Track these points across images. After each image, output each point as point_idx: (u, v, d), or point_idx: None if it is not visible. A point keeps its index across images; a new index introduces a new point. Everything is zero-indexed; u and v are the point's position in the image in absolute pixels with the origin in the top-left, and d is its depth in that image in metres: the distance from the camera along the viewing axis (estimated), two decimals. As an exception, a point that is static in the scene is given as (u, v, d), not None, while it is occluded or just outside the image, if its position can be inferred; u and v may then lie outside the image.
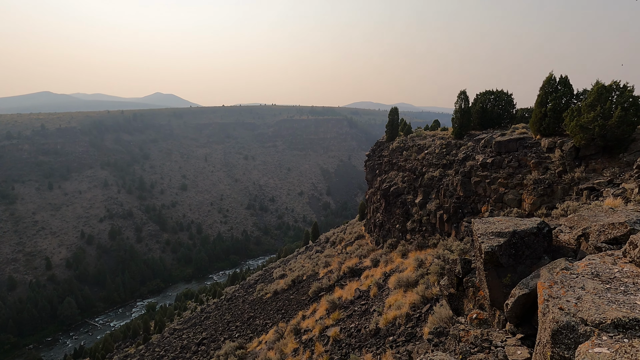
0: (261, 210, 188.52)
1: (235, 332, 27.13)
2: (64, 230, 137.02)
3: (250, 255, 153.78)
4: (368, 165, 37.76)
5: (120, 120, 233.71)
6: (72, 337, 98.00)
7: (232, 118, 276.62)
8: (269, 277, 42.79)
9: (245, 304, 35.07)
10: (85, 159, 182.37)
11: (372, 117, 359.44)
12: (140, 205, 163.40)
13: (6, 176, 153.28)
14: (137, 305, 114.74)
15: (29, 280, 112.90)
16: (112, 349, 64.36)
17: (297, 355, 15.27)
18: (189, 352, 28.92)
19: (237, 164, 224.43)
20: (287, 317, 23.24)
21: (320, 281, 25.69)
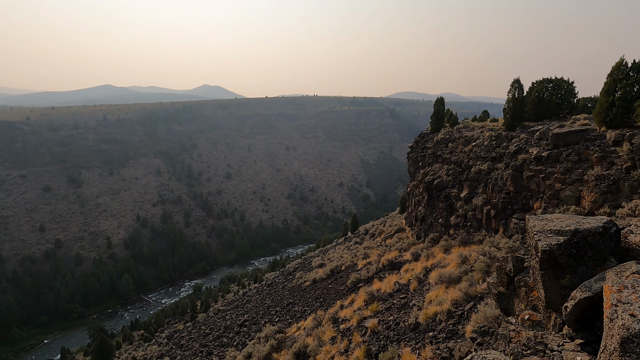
0: (301, 200, 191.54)
1: (275, 316, 28.05)
2: (122, 213, 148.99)
3: (289, 244, 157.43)
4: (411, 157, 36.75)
5: (171, 111, 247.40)
6: (128, 311, 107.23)
7: (274, 109, 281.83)
8: (308, 265, 43.56)
9: (284, 290, 36.08)
10: (140, 147, 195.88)
11: (415, 108, 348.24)
12: (189, 192, 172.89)
13: (74, 162, 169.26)
14: (185, 285, 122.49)
15: (93, 257, 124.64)
16: (163, 324, 69.47)
17: (335, 344, 15.46)
18: (232, 332, 30.45)
19: (278, 154, 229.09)
20: (325, 306, 23.56)
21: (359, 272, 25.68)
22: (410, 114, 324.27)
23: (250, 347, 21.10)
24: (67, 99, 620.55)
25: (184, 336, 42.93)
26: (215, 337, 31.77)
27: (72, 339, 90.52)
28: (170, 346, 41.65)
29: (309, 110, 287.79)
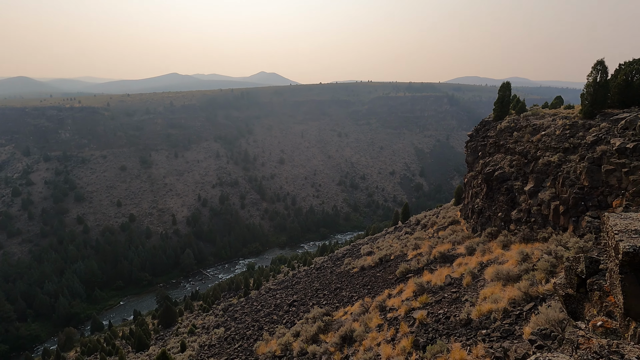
0: (352, 187, 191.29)
1: (322, 299, 28.73)
2: (186, 193, 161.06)
3: (339, 230, 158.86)
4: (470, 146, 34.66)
5: (230, 97, 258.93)
6: (189, 282, 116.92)
7: (327, 95, 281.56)
8: (357, 252, 43.68)
9: (333, 275, 36.67)
10: (202, 132, 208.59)
11: (476, 94, 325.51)
12: (245, 175, 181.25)
13: (145, 145, 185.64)
14: (239, 263, 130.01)
15: (160, 231, 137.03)
16: (219, 297, 74.75)
17: (381, 331, 15.48)
18: (281, 311, 31.86)
19: (330, 140, 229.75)
20: (372, 293, 23.56)
21: (409, 263, 25.18)
22: (471, 101, 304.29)
23: (298, 326, 21.89)
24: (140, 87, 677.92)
25: (237, 310, 45.87)
26: (266, 314, 33.49)
27: (142, 303, 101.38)
28: (226, 318, 44.80)
29: (363, 97, 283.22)
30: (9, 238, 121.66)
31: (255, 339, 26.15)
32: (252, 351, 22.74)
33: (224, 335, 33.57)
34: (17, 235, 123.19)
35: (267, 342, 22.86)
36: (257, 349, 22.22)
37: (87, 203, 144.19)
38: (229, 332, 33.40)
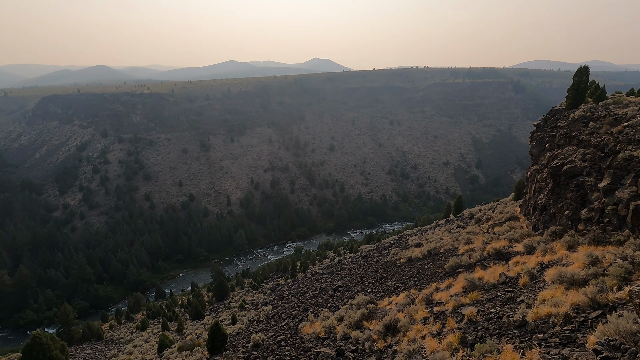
0: (402, 177, 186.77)
1: (367, 287, 28.83)
2: (240, 176, 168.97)
3: (386, 219, 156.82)
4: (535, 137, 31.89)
5: (283, 84, 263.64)
6: (241, 260, 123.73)
7: (380, 82, 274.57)
8: (404, 243, 42.92)
9: (378, 264, 36.52)
10: (256, 118, 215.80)
11: (546, 80, 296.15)
12: (295, 161, 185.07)
13: (204, 129, 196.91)
14: (287, 245, 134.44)
15: (216, 211, 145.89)
16: (268, 277, 78.27)
17: (426, 324, 15.21)
18: (326, 295, 32.58)
19: (382, 128, 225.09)
20: (419, 285, 23.12)
21: (460, 257, 24.22)
22: (540, 87, 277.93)
23: (342, 311, 22.27)
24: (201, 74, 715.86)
25: (284, 290, 47.79)
26: (311, 296, 34.48)
27: (199, 277, 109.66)
28: (273, 297, 46.95)
29: (418, 83, 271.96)
30: (90, 210, 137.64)
31: (301, 319, 27.13)
32: (297, 330, 23.66)
33: (271, 312, 35.26)
34: (96, 207, 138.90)
35: (311, 323, 23.60)
36: (301, 329, 23.06)
37: (153, 182, 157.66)
38: (276, 310, 34.99)
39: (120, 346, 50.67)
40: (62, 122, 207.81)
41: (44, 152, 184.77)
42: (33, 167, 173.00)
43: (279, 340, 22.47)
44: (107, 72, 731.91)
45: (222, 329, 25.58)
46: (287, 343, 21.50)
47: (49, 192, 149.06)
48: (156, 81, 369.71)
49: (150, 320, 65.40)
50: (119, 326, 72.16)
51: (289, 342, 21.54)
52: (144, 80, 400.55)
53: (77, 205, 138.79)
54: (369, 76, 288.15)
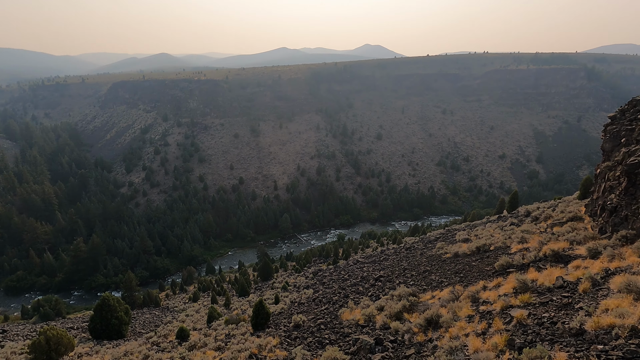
0: (452, 169, 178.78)
1: (410, 280, 28.39)
2: (287, 162, 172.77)
3: (433, 212, 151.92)
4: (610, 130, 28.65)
5: (333, 71, 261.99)
6: (285, 244, 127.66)
7: (434, 69, 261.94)
8: (451, 237, 41.40)
9: (422, 257, 35.70)
10: (304, 105, 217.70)
11: (627, 66, 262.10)
12: (342, 149, 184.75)
13: (255, 115, 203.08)
14: (330, 232, 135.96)
15: (263, 195, 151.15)
16: (310, 261, 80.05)
17: (471, 322, 14.72)
18: (367, 283, 32.66)
19: (433, 117, 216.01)
20: (465, 282, 22.31)
21: (512, 256, 22.91)
22: (619, 74, 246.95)
23: (383, 301, 22.23)
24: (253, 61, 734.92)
25: (326, 275, 48.65)
26: (352, 284, 34.78)
27: (245, 256, 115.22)
28: (315, 281, 48.05)
29: (475, 70, 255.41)
30: (151, 188, 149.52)
31: (341, 305, 27.55)
32: (337, 315, 24.09)
33: (312, 296, 36.19)
34: (156, 186, 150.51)
35: (351, 310, 23.89)
36: (341, 315, 23.45)
37: (207, 164, 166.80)
38: (317, 295, 35.83)
39: (175, 314, 55.28)
40: (129, 107, 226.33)
41: (113, 134, 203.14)
42: (104, 147, 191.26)
43: (319, 323, 23.07)
44: (168, 59, 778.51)
45: (265, 307, 26.83)
46: (326, 327, 22.02)
47: (117, 170, 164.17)
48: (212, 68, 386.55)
49: (201, 293, 70.34)
50: (173, 296, 78.61)
51: (329, 326, 22.03)
52: (201, 68, 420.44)
53: (140, 183, 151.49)
54: (422, 63, 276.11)
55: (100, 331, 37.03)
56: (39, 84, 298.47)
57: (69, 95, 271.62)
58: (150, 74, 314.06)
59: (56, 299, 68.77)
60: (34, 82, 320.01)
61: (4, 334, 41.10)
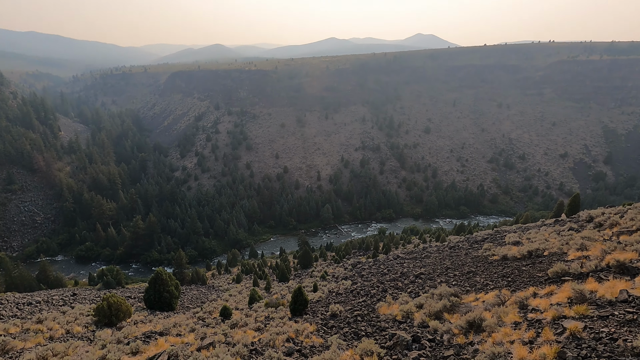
0: (505, 167, 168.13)
1: (452, 279, 27.45)
2: (331, 153, 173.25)
3: (481, 212, 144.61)
4: (699, 130, 25.17)
5: (382, 62, 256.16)
6: (326, 234, 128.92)
7: (491, 59, 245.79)
8: (500, 239, 39.22)
9: (467, 257, 34.28)
10: (351, 96, 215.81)
11: None
12: (387, 142, 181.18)
13: (301, 106, 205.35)
14: (371, 225, 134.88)
15: (306, 185, 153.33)
16: (350, 253, 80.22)
17: (517, 329, 13.96)
18: (407, 279, 32.12)
19: (487, 111, 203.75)
20: (513, 287, 21.12)
21: (568, 264, 21.23)
22: None
23: (422, 299, 21.78)
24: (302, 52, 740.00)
25: (365, 268, 48.54)
26: (391, 279, 34.40)
27: (287, 243, 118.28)
28: (353, 273, 48.17)
29: (538, 61, 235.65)
30: (202, 173, 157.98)
31: (379, 299, 27.42)
32: (374, 309, 24.05)
33: (350, 287, 36.38)
34: (207, 171, 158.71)
35: (389, 304, 23.69)
36: (378, 308, 23.35)
37: (254, 152, 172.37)
38: (355, 286, 35.94)
39: (219, 293, 58.52)
40: (184, 95, 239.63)
41: (170, 121, 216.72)
42: (162, 133, 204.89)
43: (356, 314, 23.20)
44: (222, 50, 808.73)
45: (304, 294, 27.47)
46: (363, 319, 22.10)
47: (173, 155, 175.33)
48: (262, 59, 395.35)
49: (243, 275, 73.64)
50: (219, 275, 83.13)
51: (365, 318, 22.08)
52: (251, 58, 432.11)
53: (192, 168, 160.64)
54: (478, 53, 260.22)
55: (154, 302, 40.31)
56: (108, 73, 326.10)
57: (133, 83, 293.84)
58: (204, 64, 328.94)
59: (117, 270, 75.80)
60: (104, 71, 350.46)
61: (74, 297, 46.29)
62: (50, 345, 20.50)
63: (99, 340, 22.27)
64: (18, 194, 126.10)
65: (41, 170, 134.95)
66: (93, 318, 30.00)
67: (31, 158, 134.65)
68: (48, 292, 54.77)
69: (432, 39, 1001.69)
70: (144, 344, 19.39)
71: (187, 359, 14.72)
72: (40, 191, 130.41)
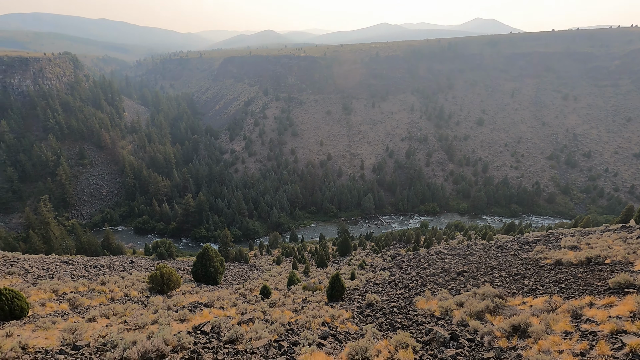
0: (566, 165, 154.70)
1: (497, 280, 26.17)
2: (376, 142, 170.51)
3: (535, 211, 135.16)
4: None
5: (435, 49, 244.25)
6: (366, 223, 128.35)
7: (559, 46, 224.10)
8: (554, 242, 36.48)
9: (516, 258, 32.40)
10: (400, 84, 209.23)
11: None
12: (435, 132, 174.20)
13: (348, 93, 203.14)
14: (414, 218, 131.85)
15: (349, 173, 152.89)
16: (389, 244, 79.29)
17: (567, 339, 13.06)
18: (448, 276, 31.16)
19: (550, 104, 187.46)
20: (566, 294, 19.67)
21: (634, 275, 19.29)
22: None
23: (463, 297, 21.08)
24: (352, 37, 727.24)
25: (404, 261, 47.80)
26: (431, 274, 33.57)
27: (327, 229, 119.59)
28: (392, 264, 47.66)
29: (615, 48, 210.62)
30: (249, 156, 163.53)
31: (417, 293, 26.95)
32: (411, 302, 23.72)
33: (388, 279, 36.10)
34: (253, 155, 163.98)
35: (427, 299, 23.22)
36: (416, 302, 22.99)
37: (299, 138, 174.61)
38: (394, 278, 35.60)
39: (260, 272, 61.05)
40: (236, 80, 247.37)
41: (221, 105, 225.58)
42: (214, 116, 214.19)
43: (392, 306, 23.05)
44: (273, 36, 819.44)
45: (341, 281, 27.78)
46: (399, 311, 21.91)
47: (223, 138, 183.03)
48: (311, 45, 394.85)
49: (283, 258, 75.96)
50: (260, 256, 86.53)
51: (402, 311, 21.88)
52: (301, 44, 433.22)
53: (240, 151, 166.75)
54: (544, 39, 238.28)
55: (200, 276, 43.10)
56: (167, 58, 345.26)
57: (189, 68, 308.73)
58: (255, 50, 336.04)
59: (169, 243, 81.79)
60: (164, 56, 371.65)
61: (132, 264, 50.86)
62: (111, 305, 22.83)
63: (151, 305, 24.38)
64: (88, 168, 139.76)
65: (107, 147, 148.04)
66: (147, 285, 32.84)
67: (99, 136, 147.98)
68: (110, 257, 60.69)
69: (492, 24, 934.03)
70: (190, 312, 20.90)
71: (228, 330, 15.65)
72: (106, 166, 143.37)
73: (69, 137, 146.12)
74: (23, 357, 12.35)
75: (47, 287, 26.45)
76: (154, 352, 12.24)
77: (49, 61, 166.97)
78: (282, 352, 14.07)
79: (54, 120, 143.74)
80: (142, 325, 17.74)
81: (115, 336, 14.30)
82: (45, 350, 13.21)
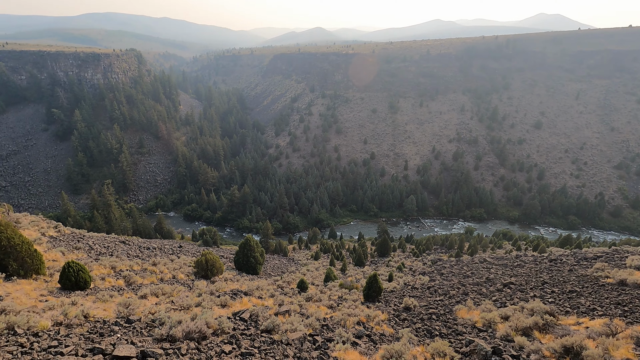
0: (637, 176, 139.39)
1: (548, 296, 24.33)
2: (422, 143, 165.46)
3: (597, 225, 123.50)
4: None
5: (491, 46, 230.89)
6: (407, 226, 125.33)
7: (636, 43, 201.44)
8: (618, 259, 33.07)
9: (571, 274, 29.86)
10: (451, 83, 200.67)
11: None
12: (487, 135, 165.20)
13: (396, 91, 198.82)
14: (458, 223, 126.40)
15: (392, 173, 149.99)
16: (431, 249, 76.83)
17: (628, 368, 11.87)
18: (492, 287, 29.52)
19: (622, 107, 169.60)
20: (630, 318, 17.83)
21: None
22: None
23: (509, 310, 19.89)
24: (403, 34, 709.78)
25: (445, 267, 46.03)
26: (474, 283, 32.02)
27: (366, 229, 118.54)
28: (433, 269, 46.12)
29: None
30: (293, 152, 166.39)
31: (458, 301, 25.87)
32: (451, 310, 22.84)
33: (427, 284, 35.01)
34: (297, 151, 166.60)
35: (469, 309, 22.21)
36: (456, 311, 22.08)
37: (342, 136, 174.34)
38: (433, 284, 34.46)
39: (298, 266, 62.09)
40: (284, 77, 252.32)
41: (269, 101, 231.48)
42: (261, 112, 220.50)
43: (431, 312, 22.36)
44: (322, 33, 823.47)
45: (379, 282, 27.44)
46: (438, 318, 21.20)
47: (268, 133, 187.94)
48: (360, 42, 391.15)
49: (321, 254, 76.59)
50: (299, 250, 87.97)
51: (441, 318, 21.15)
52: (350, 42, 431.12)
53: (285, 147, 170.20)
54: (617, 36, 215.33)
55: (241, 264, 44.81)
56: (221, 55, 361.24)
57: (241, 65, 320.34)
58: (304, 47, 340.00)
59: (214, 231, 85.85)
60: (218, 53, 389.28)
61: (180, 249, 54.17)
62: (160, 285, 24.52)
63: (196, 289, 25.83)
64: (145, 157, 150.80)
65: (163, 137, 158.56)
66: (193, 269, 34.80)
67: (157, 127, 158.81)
68: (162, 241, 65.05)
69: (557, 20, 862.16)
70: (231, 299, 21.84)
71: (265, 320, 16.14)
72: (162, 156, 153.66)
73: (131, 127, 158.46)
74: (85, 325, 13.71)
75: (107, 264, 29.03)
76: (197, 332, 12.98)
77: (117, 57, 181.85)
78: (316, 346, 14.24)
79: (118, 111, 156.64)
80: (187, 306, 18.86)
81: (163, 314, 15.37)
82: (103, 320, 14.54)
